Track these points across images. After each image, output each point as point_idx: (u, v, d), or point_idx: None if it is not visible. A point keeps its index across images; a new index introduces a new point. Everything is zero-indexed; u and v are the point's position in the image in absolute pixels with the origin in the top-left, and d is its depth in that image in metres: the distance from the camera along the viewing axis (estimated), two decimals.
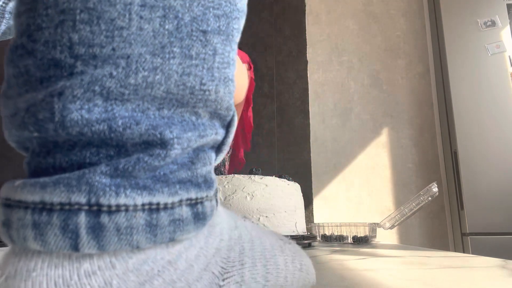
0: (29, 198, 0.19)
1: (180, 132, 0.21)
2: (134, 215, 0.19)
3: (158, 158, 0.21)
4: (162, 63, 0.20)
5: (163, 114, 0.21)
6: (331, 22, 2.06)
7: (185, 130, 0.22)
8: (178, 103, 0.22)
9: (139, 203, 0.20)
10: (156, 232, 0.20)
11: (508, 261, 0.36)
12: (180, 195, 0.21)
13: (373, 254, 0.46)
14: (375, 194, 1.88)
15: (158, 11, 0.20)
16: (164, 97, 0.21)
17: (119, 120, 0.20)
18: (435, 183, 0.73)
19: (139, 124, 0.20)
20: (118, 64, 0.20)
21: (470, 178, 1.69)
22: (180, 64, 0.21)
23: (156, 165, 0.21)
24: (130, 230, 0.19)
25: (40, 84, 0.20)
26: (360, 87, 2.00)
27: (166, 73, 0.21)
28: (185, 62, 0.21)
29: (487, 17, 1.84)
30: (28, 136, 0.21)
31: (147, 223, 0.20)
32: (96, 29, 0.19)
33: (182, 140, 0.21)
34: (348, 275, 0.30)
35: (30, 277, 0.19)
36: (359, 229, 0.71)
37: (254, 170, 0.82)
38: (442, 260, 0.39)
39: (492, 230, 1.63)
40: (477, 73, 1.79)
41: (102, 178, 0.19)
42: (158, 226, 0.20)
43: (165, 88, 0.21)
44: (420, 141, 1.94)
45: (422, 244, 1.79)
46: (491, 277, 0.28)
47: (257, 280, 0.26)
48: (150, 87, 0.20)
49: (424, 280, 0.26)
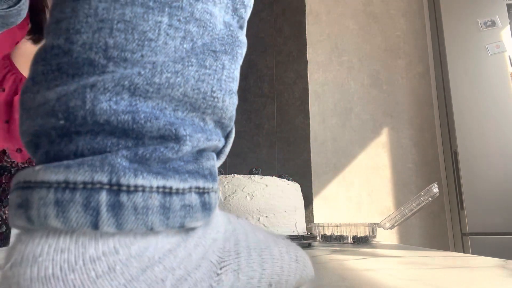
0: (53, 178, 0.20)
1: (192, 132, 0.24)
2: (150, 196, 0.21)
3: (172, 151, 0.23)
4: (182, 68, 0.24)
5: (177, 115, 0.24)
6: (331, 22, 2.06)
7: (196, 131, 0.25)
8: (190, 107, 0.25)
9: (155, 185, 0.22)
10: (168, 215, 0.22)
11: (508, 261, 0.36)
12: (190, 183, 0.23)
13: (373, 254, 0.46)
14: (375, 194, 1.88)
15: (180, 32, 0.24)
16: (181, 99, 0.24)
17: (141, 114, 0.22)
18: (435, 184, 0.73)
19: (158, 119, 0.23)
20: (145, 67, 0.23)
21: (470, 178, 1.69)
22: (196, 71, 0.25)
23: (169, 157, 0.23)
24: (146, 210, 0.21)
25: (72, 79, 0.22)
26: (360, 87, 2.00)
27: (185, 77, 0.24)
28: (201, 70, 0.25)
29: (487, 17, 1.84)
30: (52, 125, 0.22)
31: (161, 205, 0.22)
32: (129, 37, 0.23)
33: (193, 139, 0.24)
34: (348, 275, 0.30)
35: (36, 263, 0.19)
36: (359, 229, 0.71)
37: (254, 170, 0.82)
38: (442, 260, 0.39)
39: (492, 230, 1.63)
40: (477, 73, 1.79)
41: (123, 161, 0.21)
42: (171, 209, 0.22)
43: (183, 90, 0.24)
44: (420, 141, 1.94)
45: (422, 244, 1.79)
46: (491, 277, 0.28)
47: (254, 268, 0.27)
48: (170, 88, 0.24)
49: (424, 280, 0.26)
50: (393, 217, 0.72)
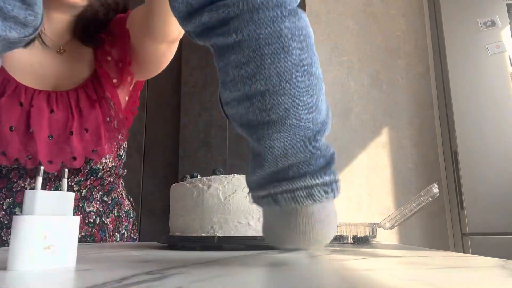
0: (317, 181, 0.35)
1: None
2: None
3: None
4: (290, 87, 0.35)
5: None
6: (331, 22, 2.06)
7: None
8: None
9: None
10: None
11: (508, 261, 0.36)
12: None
13: (373, 254, 0.46)
14: (375, 194, 1.88)
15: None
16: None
17: None
18: (435, 184, 0.73)
19: None
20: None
21: (470, 178, 1.69)
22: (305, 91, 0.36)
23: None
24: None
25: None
26: (360, 87, 1.99)
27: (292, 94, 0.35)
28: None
29: (487, 17, 1.84)
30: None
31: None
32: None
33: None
34: (348, 275, 0.30)
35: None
36: (359, 229, 0.71)
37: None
38: (442, 260, 0.39)
39: (492, 230, 1.63)
40: (477, 73, 1.79)
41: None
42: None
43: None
44: (420, 141, 1.94)
45: (422, 244, 1.79)
46: (491, 277, 0.28)
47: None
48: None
49: (424, 280, 0.26)
50: (393, 217, 0.72)
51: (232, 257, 0.42)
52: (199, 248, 0.53)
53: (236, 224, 0.53)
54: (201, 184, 0.56)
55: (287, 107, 0.34)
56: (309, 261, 0.40)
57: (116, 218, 0.83)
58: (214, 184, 0.55)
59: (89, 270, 0.31)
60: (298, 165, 0.35)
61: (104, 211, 0.80)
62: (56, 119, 0.72)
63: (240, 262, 0.38)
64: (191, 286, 0.24)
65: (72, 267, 0.32)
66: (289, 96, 0.34)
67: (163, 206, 1.64)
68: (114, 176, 0.83)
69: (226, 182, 0.55)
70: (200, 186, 0.56)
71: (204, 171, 0.64)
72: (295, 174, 0.35)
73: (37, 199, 0.31)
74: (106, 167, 0.77)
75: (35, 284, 0.25)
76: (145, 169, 1.73)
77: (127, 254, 0.46)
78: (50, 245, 0.31)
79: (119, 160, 0.81)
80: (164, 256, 0.44)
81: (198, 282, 0.25)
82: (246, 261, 0.40)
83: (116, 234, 0.82)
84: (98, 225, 0.78)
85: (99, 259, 0.40)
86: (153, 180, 1.71)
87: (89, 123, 0.74)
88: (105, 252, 0.49)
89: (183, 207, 0.57)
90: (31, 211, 0.31)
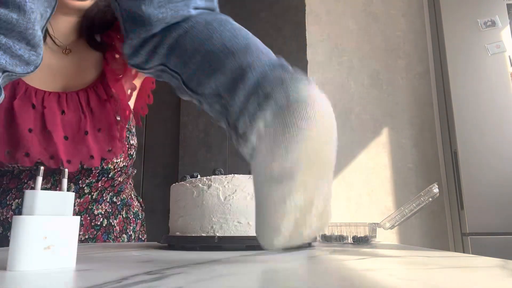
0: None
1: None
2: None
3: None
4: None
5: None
6: (331, 22, 2.06)
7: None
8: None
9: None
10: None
11: (508, 261, 0.36)
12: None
13: (373, 254, 0.46)
14: (375, 194, 1.88)
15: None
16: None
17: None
18: (435, 184, 0.73)
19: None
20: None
21: (470, 178, 1.69)
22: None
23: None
24: None
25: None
26: (360, 87, 1.99)
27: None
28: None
29: (487, 17, 1.84)
30: None
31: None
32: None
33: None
34: (348, 275, 0.30)
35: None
36: (359, 229, 0.71)
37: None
38: (442, 260, 0.39)
39: (492, 230, 1.63)
40: (477, 73, 1.79)
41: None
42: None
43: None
44: (420, 141, 1.94)
45: (422, 244, 1.79)
46: (491, 277, 0.28)
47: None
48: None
49: (424, 280, 0.26)
50: (393, 217, 0.72)
51: (232, 257, 0.42)
52: (199, 248, 0.53)
53: (236, 224, 0.53)
54: (201, 184, 0.56)
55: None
56: (309, 261, 0.40)
57: (124, 219, 0.82)
58: (214, 184, 0.55)
59: (89, 270, 0.31)
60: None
61: (113, 212, 0.80)
62: (68, 120, 0.72)
63: (240, 262, 0.38)
64: (191, 286, 0.24)
65: (72, 267, 0.32)
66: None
67: (163, 206, 1.64)
68: (124, 176, 0.83)
69: (226, 182, 0.55)
70: (200, 186, 0.56)
71: (204, 171, 0.64)
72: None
73: (37, 199, 0.31)
74: (117, 166, 0.77)
75: (35, 284, 0.25)
76: (145, 169, 1.73)
77: (127, 254, 0.46)
78: (50, 245, 0.31)
79: (130, 160, 0.81)
80: (164, 256, 0.44)
81: (198, 282, 0.25)
82: (246, 261, 0.39)
83: (123, 236, 0.81)
84: (105, 227, 0.78)
85: (99, 259, 0.40)
86: (153, 180, 1.71)
87: (101, 123, 0.74)
88: (105, 252, 0.50)
89: (183, 207, 0.57)
90: (31, 211, 0.31)
